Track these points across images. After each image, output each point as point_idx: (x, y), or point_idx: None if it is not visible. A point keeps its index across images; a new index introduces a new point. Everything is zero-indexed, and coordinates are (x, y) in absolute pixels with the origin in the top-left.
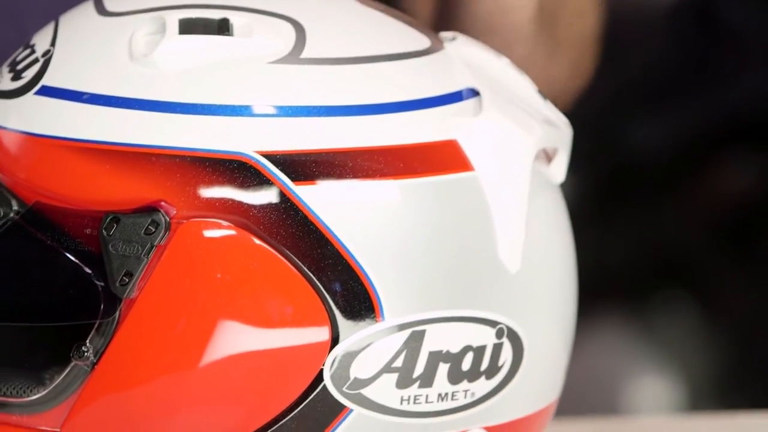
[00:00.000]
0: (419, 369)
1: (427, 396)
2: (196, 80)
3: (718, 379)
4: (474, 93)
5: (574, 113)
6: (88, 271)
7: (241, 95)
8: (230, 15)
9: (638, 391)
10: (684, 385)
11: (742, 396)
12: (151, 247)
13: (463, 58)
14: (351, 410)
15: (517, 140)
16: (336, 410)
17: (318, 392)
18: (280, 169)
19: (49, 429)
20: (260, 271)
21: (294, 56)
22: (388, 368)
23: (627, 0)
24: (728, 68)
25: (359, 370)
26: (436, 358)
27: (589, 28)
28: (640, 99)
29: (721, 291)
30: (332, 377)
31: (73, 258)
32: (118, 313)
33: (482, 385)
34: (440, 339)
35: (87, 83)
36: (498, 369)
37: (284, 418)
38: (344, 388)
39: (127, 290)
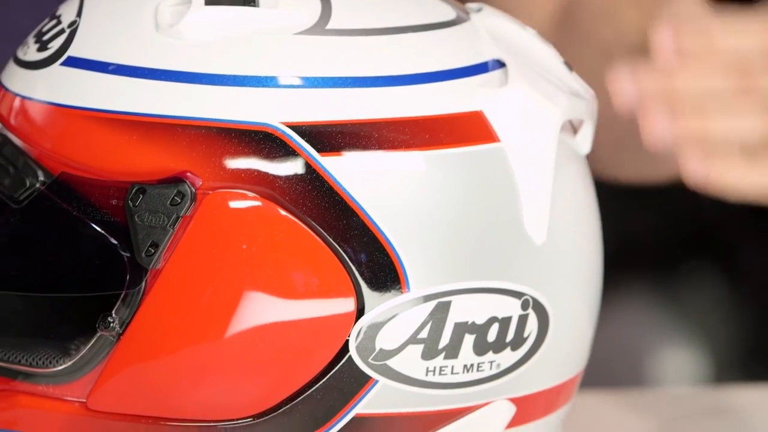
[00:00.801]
0: (445, 340)
1: (452, 367)
2: (222, 51)
3: (744, 351)
4: (500, 64)
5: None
6: (114, 241)
7: (267, 66)
8: None
9: (664, 363)
10: (710, 356)
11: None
12: (177, 217)
13: (489, 29)
14: (376, 381)
15: (542, 111)
16: (361, 381)
17: (343, 363)
18: (305, 140)
19: (75, 399)
20: (286, 242)
21: (320, 27)
22: (413, 339)
23: None
24: None
25: (385, 341)
26: (461, 329)
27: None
28: None
29: (748, 262)
30: (358, 348)
31: (98, 229)
32: (143, 283)
33: (508, 357)
34: (466, 310)
35: (113, 54)
36: (523, 340)
37: (310, 389)
38: (370, 359)
39: (153, 261)
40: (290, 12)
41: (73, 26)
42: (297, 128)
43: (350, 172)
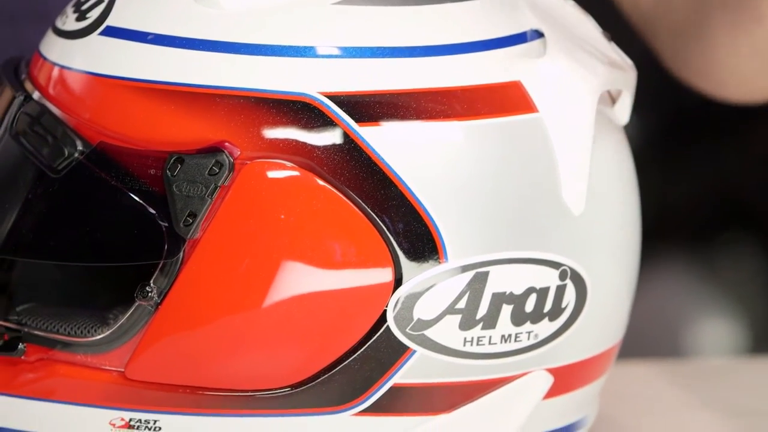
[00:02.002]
0: (482, 310)
1: (490, 337)
2: (261, 21)
3: None
4: (538, 34)
5: (638, 55)
6: (152, 211)
7: (305, 36)
8: None
9: (701, 333)
10: (747, 326)
11: None
12: (215, 187)
13: None
14: (414, 351)
15: (581, 82)
16: (399, 351)
17: (381, 333)
18: (343, 110)
19: (113, 368)
20: (324, 211)
21: None
22: (451, 309)
23: None
24: None
25: (422, 311)
26: (499, 299)
27: None
28: None
29: None
30: (395, 318)
31: (137, 198)
32: (181, 253)
33: (545, 327)
34: (504, 280)
35: (151, 24)
36: (561, 311)
37: (347, 359)
38: (407, 330)
39: (191, 231)
40: None
41: None
42: (335, 98)
43: (388, 142)
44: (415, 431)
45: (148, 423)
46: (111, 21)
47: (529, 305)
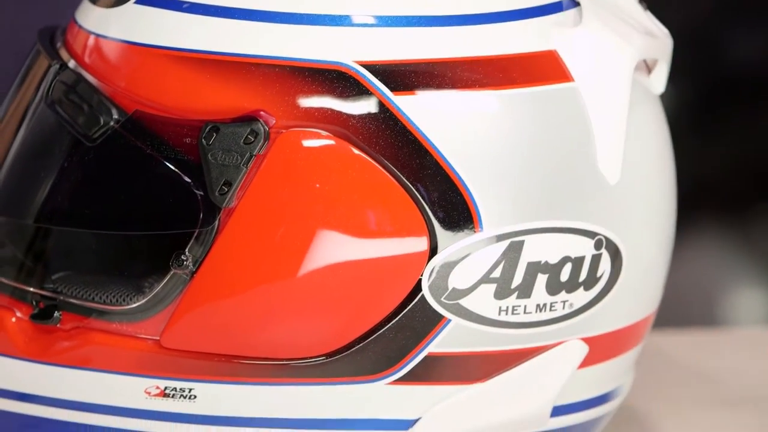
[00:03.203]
0: (517, 279)
1: (525, 307)
2: None
3: None
4: (574, 3)
5: (674, 24)
6: (188, 180)
7: (341, 5)
8: None
9: (736, 303)
10: None
11: None
12: (251, 156)
13: None
14: (449, 320)
15: (617, 51)
16: (434, 320)
17: (416, 302)
18: (379, 79)
19: (148, 337)
20: (359, 180)
21: None
22: (486, 279)
23: None
24: None
25: (457, 280)
26: (534, 268)
27: None
28: (741, 10)
29: None
30: (430, 287)
31: (172, 167)
32: (217, 222)
33: (580, 297)
34: (539, 250)
35: None
36: (596, 280)
37: (382, 327)
38: (442, 299)
39: (226, 199)
40: None
41: None
42: (370, 67)
43: (423, 111)
44: (450, 400)
45: (183, 391)
46: None
47: (564, 274)
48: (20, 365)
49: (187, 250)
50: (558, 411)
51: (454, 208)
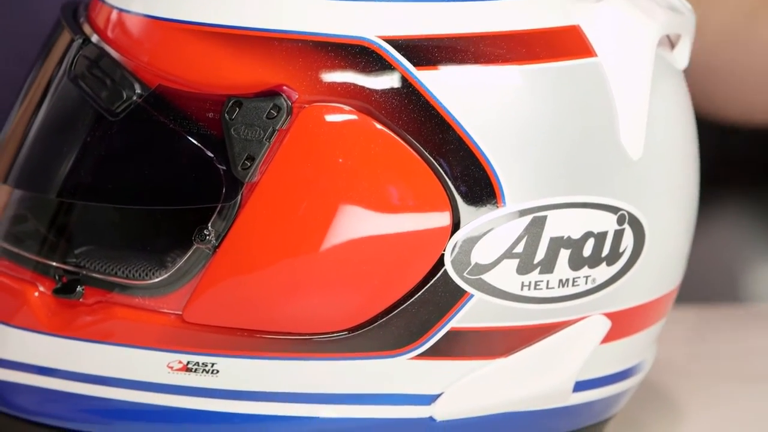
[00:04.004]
0: (540, 255)
1: (547, 282)
2: None
3: None
4: None
5: None
6: (210, 154)
7: None
8: None
9: (760, 278)
10: None
11: None
12: (273, 131)
13: None
14: (471, 295)
15: (639, 26)
16: (456, 295)
17: (439, 277)
18: (402, 54)
19: (171, 311)
20: (382, 155)
21: None
22: (509, 254)
23: None
24: None
25: (480, 255)
26: (557, 243)
27: None
28: None
29: None
30: (453, 262)
31: (195, 141)
32: (239, 196)
33: (603, 272)
34: (561, 225)
35: None
36: (619, 255)
37: (405, 302)
38: (465, 274)
39: (249, 174)
40: None
41: None
42: (393, 42)
43: (446, 86)
44: (472, 375)
45: (206, 366)
46: None
47: (587, 249)
48: (43, 339)
49: (209, 224)
50: (580, 386)
51: (476, 183)
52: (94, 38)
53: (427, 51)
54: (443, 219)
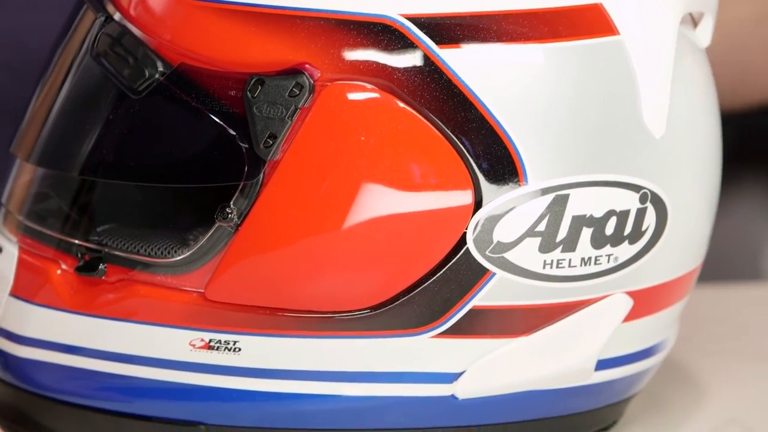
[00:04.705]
0: (562, 233)
1: (570, 260)
2: None
3: None
4: None
5: None
6: (232, 132)
7: None
8: None
9: None
10: None
11: None
12: (295, 109)
13: None
14: (494, 274)
15: (662, 4)
16: (479, 274)
17: (461, 256)
18: (424, 32)
19: (193, 289)
20: (404, 134)
21: None
22: (531, 232)
23: None
24: None
25: (502, 233)
26: (579, 222)
27: None
28: None
29: None
30: (475, 241)
31: (217, 120)
32: (261, 175)
33: (625, 250)
34: (584, 203)
35: None
36: (641, 234)
37: (427, 281)
38: (487, 252)
39: (271, 152)
40: None
41: None
42: (416, 20)
43: (469, 64)
44: (494, 354)
45: (228, 344)
46: None
47: (609, 228)
48: (65, 317)
49: (231, 202)
50: (602, 365)
51: (498, 162)
52: (117, 16)
53: (450, 29)
54: (465, 197)
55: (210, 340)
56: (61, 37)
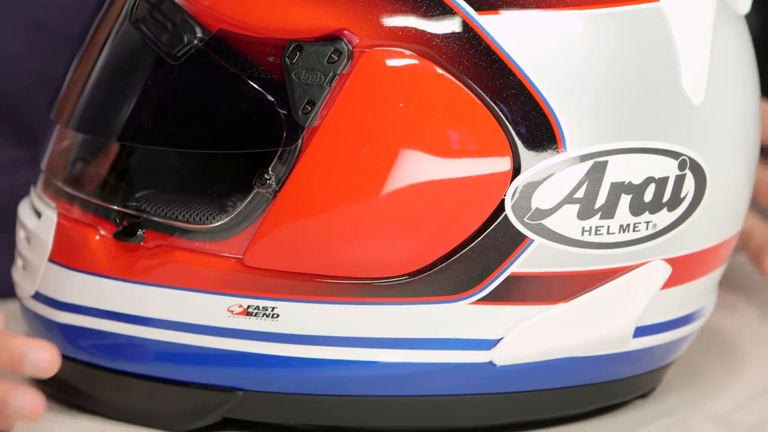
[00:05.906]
0: (601, 200)
1: (608, 227)
2: None
3: None
4: None
5: None
6: (271, 99)
7: None
8: None
9: None
10: None
11: None
12: (334, 75)
13: None
14: (532, 240)
15: None
16: (517, 240)
17: (499, 222)
18: None
19: (231, 255)
20: (442, 100)
21: None
22: (569, 199)
23: None
24: None
25: (540, 200)
26: (618, 189)
27: None
28: None
29: None
30: (513, 207)
31: (255, 86)
32: (300, 141)
33: (664, 217)
34: (622, 170)
35: None
36: (680, 201)
37: (465, 247)
38: (525, 219)
39: (310, 118)
40: None
41: None
42: None
43: (507, 30)
44: (532, 320)
45: (266, 310)
46: None
47: (648, 195)
48: (104, 283)
49: (270, 169)
50: (640, 332)
51: (537, 128)
52: None
53: None
54: (504, 164)
55: (248, 306)
56: (100, 4)
